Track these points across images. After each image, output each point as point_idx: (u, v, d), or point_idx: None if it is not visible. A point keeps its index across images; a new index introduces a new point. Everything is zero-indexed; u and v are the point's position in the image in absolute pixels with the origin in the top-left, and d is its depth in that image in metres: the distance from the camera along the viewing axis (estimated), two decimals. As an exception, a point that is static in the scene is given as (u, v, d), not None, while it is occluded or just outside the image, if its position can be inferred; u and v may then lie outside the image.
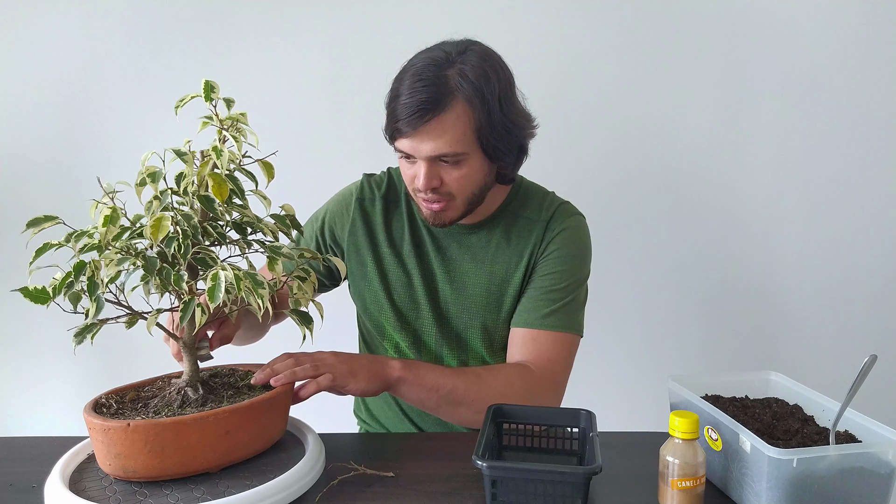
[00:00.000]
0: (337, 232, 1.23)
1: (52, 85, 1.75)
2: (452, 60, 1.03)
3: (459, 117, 1.01)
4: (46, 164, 1.79)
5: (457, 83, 1.01)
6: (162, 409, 0.85)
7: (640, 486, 0.88)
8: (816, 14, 1.74)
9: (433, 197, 1.07)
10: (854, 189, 1.83)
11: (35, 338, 1.86)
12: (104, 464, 0.82)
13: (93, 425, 0.80)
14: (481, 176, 1.09)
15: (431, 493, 0.86)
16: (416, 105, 0.99)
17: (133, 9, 1.72)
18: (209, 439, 0.81)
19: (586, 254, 1.19)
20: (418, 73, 1.02)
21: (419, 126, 1.00)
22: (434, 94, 1.00)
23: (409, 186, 1.11)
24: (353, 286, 1.24)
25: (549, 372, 1.09)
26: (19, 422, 1.92)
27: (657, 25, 1.74)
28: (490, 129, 1.03)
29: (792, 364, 1.89)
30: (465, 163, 1.05)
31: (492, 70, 1.04)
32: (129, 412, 0.84)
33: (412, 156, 1.05)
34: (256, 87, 1.74)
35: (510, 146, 1.08)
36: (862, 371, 0.81)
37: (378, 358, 1.03)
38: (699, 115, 1.78)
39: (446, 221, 1.12)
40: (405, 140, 1.03)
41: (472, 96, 1.01)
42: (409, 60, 1.07)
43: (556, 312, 1.11)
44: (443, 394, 1.03)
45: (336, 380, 0.95)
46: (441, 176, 1.05)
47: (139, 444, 0.79)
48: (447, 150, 1.02)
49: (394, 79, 1.07)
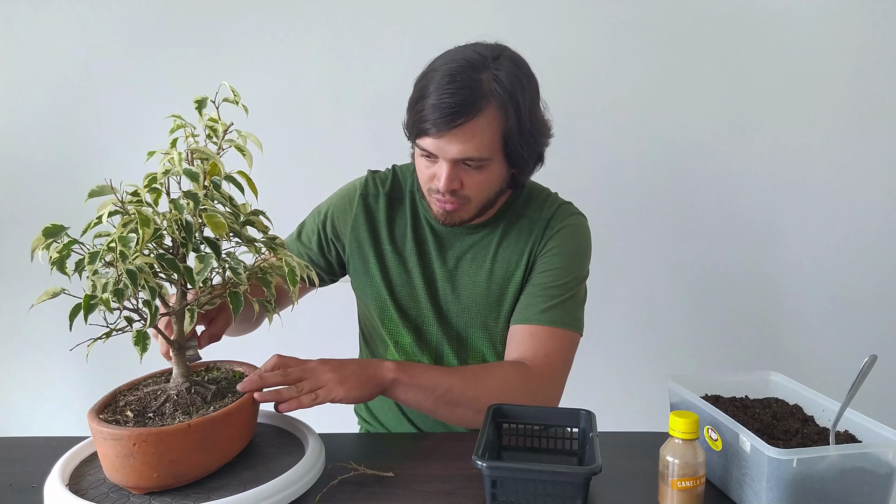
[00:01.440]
0: (339, 226, 1.23)
1: (52, 85, 1.76)
2: (487, 64, 1.01)
3: (490, 122, 1.01)
4: (46, 165, 1.79)
5: (491, 88, 1.00)
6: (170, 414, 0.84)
7: (640, 486, 0.88)
8: (817, 13, 1.74)
9: (449, 198, 1.07)
10: (854, 189, 1.83)
11: (35, 338, 1.86)
12: (149, 476, 0.79)
13: (144, 434, 0.78)
14: (499, 181, 1.09)
15: (431, 493, 0.86)
16: (449, 107, 0.98)
17: (133, 9, 1.72)
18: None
19: (586, 252, 1.19)
20: (452, 73, 1.00)
21: (449, 128, 0.99)
22: (468, 97, 0.98)
23: (425, 185, 1.10)
24: (355, 281, 1.24)
25: (547, 368, 1.08)
26: (19, 422, 1.92)
27: (657, 25, 1.74)
28: (518, 136, 1.03)
29: (792, 364, 1.89)
30: (488, 168, 1.05)
31: (525, 78, 1.04)
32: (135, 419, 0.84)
33: (434, 155, 1.04)
34: (256, 86, 1.74)
35: (532, 154, 1.09)
36: (862, 371, 0.81)
37: (370, 361, 1.01)
38: (699, 114, 1.78)
39: (457, 222, 1.12)
40: (431, 140, 1.02)
41: (505, 103, 1.00)
42: (439, 58, 1.05)
43: (554, 308, 1.11)
44: (439, 394, 1.01)
45: (319, 398, 0.91)
46: (462, 178, 1.05)
47: (194, 444, 0.80)
48: (474, 155, 1.02)
49: (420, 75, 1.05)
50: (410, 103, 1.06)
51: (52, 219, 0.81)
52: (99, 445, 0.80)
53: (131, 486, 0.80)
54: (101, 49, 1.74)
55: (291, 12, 1.73)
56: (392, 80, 1.71)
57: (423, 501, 0.85)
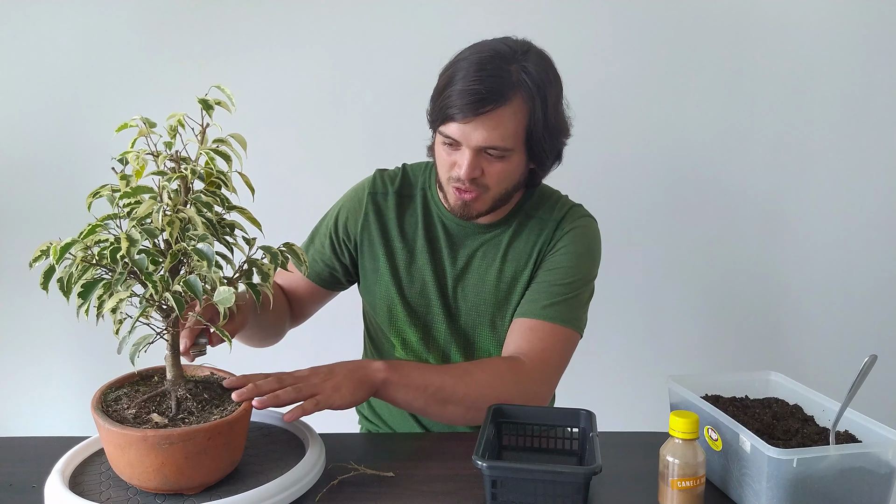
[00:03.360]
0: (350, 227, 1.22)
1: (52, 85, 1.75)
2: (516, 56, 1.03)
3: (516, 113, 1.02)
4: (46, 164, 1.78)
5: (520, 79, 1.02)
6: None
7: (640, 486, 0.88)
8: (818, 14, 1.74)
9: (469, 186, 1.07)
10: (854, 189, 1.83)
11: (35, 338, 1.86)
12: (215, 468, 0.81)
13: (168, 435, 0.77)
14: (519, 174, 1.10)
15: (431, 493, 0.87)
16: (478, 93, 0.99)
17: (134, 9, 1.72)
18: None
19: (595, 254, 1.19)
20: (481, 62, 1.02)
21: (476, 115, 1.00)
22: (497, 84, 1.00)
23: (445, 173, 1.10)
24: (364, 280, 1.23)
25: (541, 364, 1.07)
26: (19, 422, 1.92)
27: (657, 26, 1.74)
28: (543, 130, 1.05)
29: (792, 364, 1.89)
30: (509, 158, 1.06)
31: (553, 73, 1.07)
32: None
33: (458, 142, 1.04)
34: (256, 85, 1.74)
35: (552, 150, 1.10)
36: (862, 371, 0.81)
37: (359, 363, 1.01)
38: (700, 114, 1.78)
39: (473, 213, 1.12)
40: (456, 125, 1.02)
41: (533, 94, 1.02)
42: (466, 49, 1.07)
43: (557, 305, 1.11)
44: (430, 392, 1.00)
45: (320, 403, 0.91)
46: (483, 167, 1.06)
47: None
48: (497, 143, 1.03)
49: (447, 65, 1.07)
50: (436, 91, 1.07)
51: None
52: (142, 449, 0.77)
53: (184, 488, 0.80)
54: (101, 49, 1.74)
55: (292, 12, 1.73)
56: (394, 80, 1.71)
57: (423, 501, 0.85)
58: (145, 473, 0.78)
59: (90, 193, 0.82)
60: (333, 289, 1.28)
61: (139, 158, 0.80)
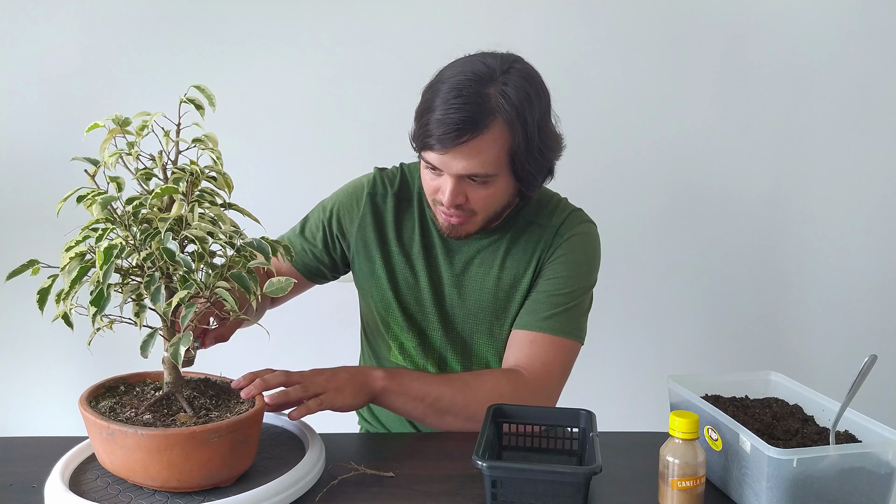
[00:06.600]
0: (345, 224, 1.20)
1: (52, 84, 1.75)
2: (495, 77, 0.99)
3: (496, 139, 0.99)
4: (46, 164, 1.78)
5: (498, 103, 0.97)
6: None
7: (640, 486, 0.88)
8: (819, 13, 1.74)
9: (454, 212, 1.05)
10: (854, 189, 1.83)
11: (35, 338, 1.86)
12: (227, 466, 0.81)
13: (172, 435, 0.77)
14: (506, 196, 1.08)
15: (431, 493, 0.86)
16: (454, 123, 0.96)
17: (135, 8, 1.72)
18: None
19: (594, 262, 1.17)
20: (458, 87, 0.97)
21: (454, 145, 0.97)
22: (473, 113, 0.96)
23: (430, 196, 1.09)
24: (360, 282, 1.22)
25: (542, 377, 1.06)
26: (19, 422, 1.92)
27: (658, 26, 1.74)
28: (525, 153, 1.01)
29: (792, 364, 1.89)
30: (493, 183, 1.03)
31: (534, 92, 1.01)
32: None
33: (439, 168, 1.02)
34: (256, 86, 1.74)
35: (540, 169, 1.07)
36: (862, 371, 0.81)
37: (359, 369, 1.01)
38: (700, 115, 1.78)
39: (462, 235, 1.10)
40: (435, 155, 1.00)
41: (512, 119, 0.98)
42: (447, 69, 1.02)
43: (557, 316, 1.10)
44: (428, 402, 1.01)
45: (324, 403, 0.94)
46: (466, 193, 1.03)
47: None
48: (479, 171, 1.00)
49: (428, 85, 1.03)
50: (417, 114, 1.04)
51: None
52: (172, 448, 0.77)
53: (194, 486, 0.80)
54: (100, 49, 1.74)
55: (293, 12, 1.73)
56: (394, 79, 1.71)
57: (423, 501, 0.85)
58: (189, 472, 0.78)
59: (90, 193, 0.82)
60: (315, 280, 1.25)
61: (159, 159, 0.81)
